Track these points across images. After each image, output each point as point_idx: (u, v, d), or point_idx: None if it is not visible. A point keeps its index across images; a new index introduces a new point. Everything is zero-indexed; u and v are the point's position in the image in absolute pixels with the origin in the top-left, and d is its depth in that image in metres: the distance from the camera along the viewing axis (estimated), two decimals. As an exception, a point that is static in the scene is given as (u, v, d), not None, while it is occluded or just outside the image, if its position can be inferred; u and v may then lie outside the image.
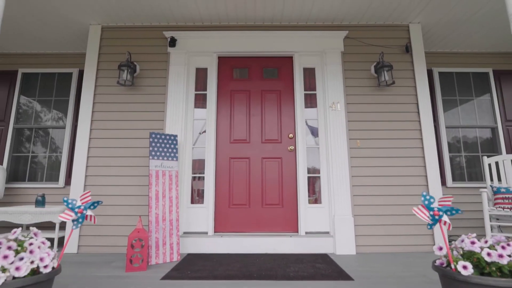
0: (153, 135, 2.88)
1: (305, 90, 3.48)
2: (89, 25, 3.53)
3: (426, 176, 3.17)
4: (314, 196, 3.28)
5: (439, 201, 1.28)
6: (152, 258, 2.59)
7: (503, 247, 1.14)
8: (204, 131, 3.37)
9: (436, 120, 3.97)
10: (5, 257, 1.09)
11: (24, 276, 1.10)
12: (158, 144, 2.89)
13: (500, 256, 1.11)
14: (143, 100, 3.35)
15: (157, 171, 2.81)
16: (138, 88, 3.38)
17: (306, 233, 3.13)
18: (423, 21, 3.51)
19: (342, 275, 2.22)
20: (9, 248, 1.13)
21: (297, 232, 3.17)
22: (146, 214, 3.08)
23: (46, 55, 4.18)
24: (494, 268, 1.12)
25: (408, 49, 3.45)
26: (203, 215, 3.22)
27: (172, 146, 2.99)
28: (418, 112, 3.32)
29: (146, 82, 3.39)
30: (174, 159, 2.97)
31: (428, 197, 1.28)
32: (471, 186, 3.76)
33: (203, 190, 3.29)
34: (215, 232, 3.18)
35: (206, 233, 3.14)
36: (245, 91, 3.50)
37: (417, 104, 3.33)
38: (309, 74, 3.52)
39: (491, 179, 3.30)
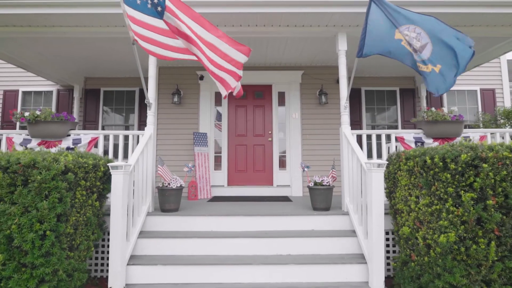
0: (195, 134, 5.43)
1: (278, 105, 5.98)
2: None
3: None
4: (282, 166, 5.88)
5: (307, 165, 3.85)
6: (199, 195, 5.23)
7: (322, 177, 3.73)
8: (216, 122, 5.92)
9: (360, 120, 6.50)
10: (173, 182, 3.71)
11: (177, 187, 3.73)
12: (198, 138, 5.44)
13: (319, 179, 3.72)
14: (185, 112, 5.86)
15: (198, 153, 5.39)
16: (183, 105, 5.87)
17: (277, 185, 5.78)
18: (348, 64, 5.93)
19: (288, 200, 4.87)
20: (173, 179, 3.74)
21: (272, 185, 5.81)
22: (194, 175, 5.68)
23: (118, 79, 6.61)
24: (319, 184, 3.73)
25: (338, 81, 5.89)
26: (220, 176, 5.84)
27: (205, 139, 5.55)
28: (342, 119, 5.82)
29: (187, 101, 5.88)
30: (206, 146, 5.54)
31: (304, 164, 3.87)
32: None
33: (220, 163, 5.89)
34: (228, 185, 5.82)
35: (223, 186, 5.78)
36: (244, 105, 6.00)
37: (342, 114, 5.84)
38: (281, 96, 6.00)
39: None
